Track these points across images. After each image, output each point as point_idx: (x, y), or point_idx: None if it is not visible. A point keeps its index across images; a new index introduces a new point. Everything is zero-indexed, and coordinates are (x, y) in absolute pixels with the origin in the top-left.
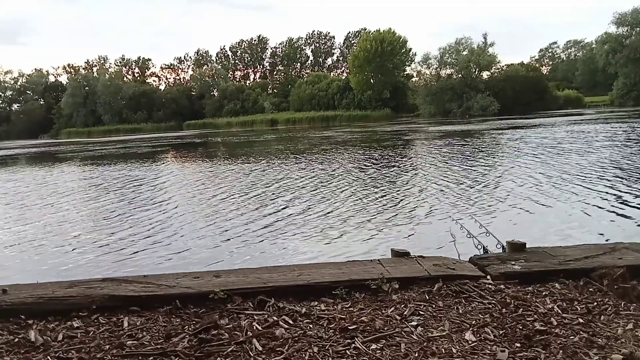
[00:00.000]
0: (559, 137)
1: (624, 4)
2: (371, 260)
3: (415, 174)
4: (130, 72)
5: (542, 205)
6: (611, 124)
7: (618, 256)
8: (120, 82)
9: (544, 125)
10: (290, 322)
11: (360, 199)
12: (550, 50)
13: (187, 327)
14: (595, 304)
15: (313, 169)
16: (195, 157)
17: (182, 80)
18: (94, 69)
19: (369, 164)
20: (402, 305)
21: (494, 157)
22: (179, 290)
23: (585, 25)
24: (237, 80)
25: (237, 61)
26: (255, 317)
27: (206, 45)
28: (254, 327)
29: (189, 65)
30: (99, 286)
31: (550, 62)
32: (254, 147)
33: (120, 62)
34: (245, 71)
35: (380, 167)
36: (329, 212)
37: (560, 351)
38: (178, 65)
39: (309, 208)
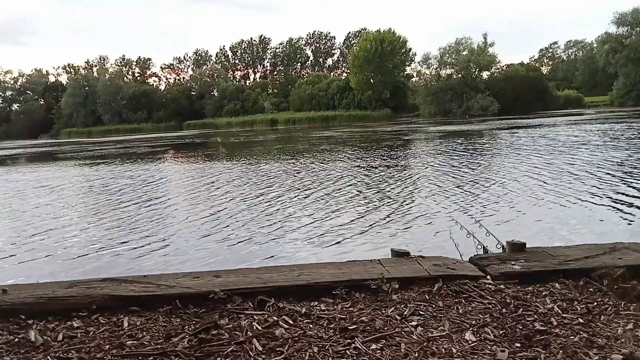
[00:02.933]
0: (559, 137)
1: (624, 4)
2: (371, 260)
3: (415, 173)
4: (130, 72)
5: (543, 205)
6: (611, 124)
7: (618, 256)
8: (120, 82)
9: (544, 125)
10: (290, 322)
11: (360, 198)
12: (550, 51)
13: (187, 327)
14: (595, 304)
15: (313, 168)
16: (196, 157)
17: (182, 80)
18: (94, 69)
19: (368, 164)
20: (402, 305)
21: (494, 157)
22: (179, 290)
23: (586, 26)
24: (237, 80)
25: (237, 61)
26: (255, 317)
27: (206, 45)
28: (254, 327)
29: (188, 65)
30: (99, 286)
31: (551, 62)
32: (254, 147)
33: (120, 62)
34: (245, 71)
35: (379, 167)
36: (329, 212)
37: (560, 351)
38: (178, 65)
39: (310, 208)
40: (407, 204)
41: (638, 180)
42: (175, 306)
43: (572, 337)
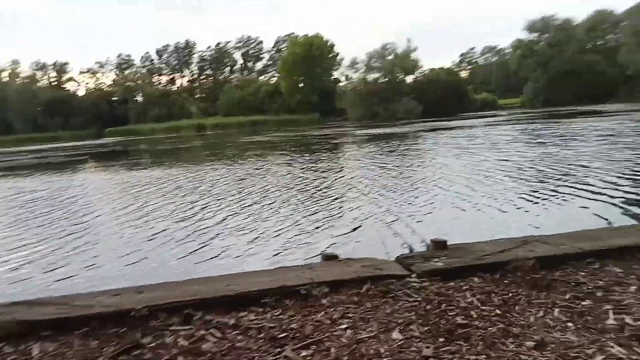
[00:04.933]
0: (478, 138)
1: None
2: (302, 266)
3: (344, 176)
4: (46, 77)
5: (465, 202)
6: (523, 124)
7: (529, 249)
8: (34, 88)
9: (464, 127)
10: (219, 335)
11: (290, 204)
12: (469, 56)
13: (105, 349)
14: (510, 295)
15: (241, 174)
16: (117, 166)
17: (103, 84)
18: (3, 74)
19: (297, 168)
20: (332, 309)
21: (419, 159)
22: (98, 310)
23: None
24: (163, 85)
25: (162, 65)
26: (180, 332)
27: (129, 48)
28: (180, 344)
29: (110, 69)
30: (5, 311)
31: (469, 67)
32: (180, 153)
33: (34, 66)
34: (171, 75)
35: (308, 171)
36: (259, 219)
37: (481, 342)
38: (99, 69)
39: (239, 215)
40: (337, 207)
41: (548, 176)
42: (92, 327)
43: (490, 328)
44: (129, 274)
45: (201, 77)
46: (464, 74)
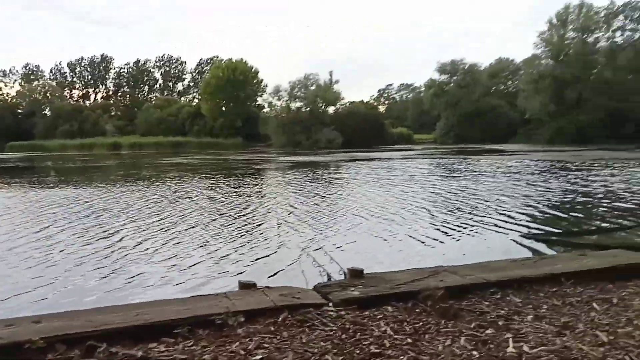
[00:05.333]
0: (397, 170)
1: (446, 55)
2: (217, 294)
3: (265, 203)
4: None
5: (384, 232)
6: (437, 159)
7: (440, 278)
8: None
9: (381, 159)
10: None
11: (208, 230)
12: (387, 91)
13: None
14: (421, 323)
15: (158, 197)
16: (19, 183)
17: (6, 95)
18: None
19: (218, 193)
20: (248, 339)
21: (341, 188)
22: None
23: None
24: (75, 99)
25: (75, 79)
26: None
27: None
28: None
29: (15, 80)
30: None
31: (387, 102)
32: (92, 172)
33: None
34: (85, 90)
35: (229, 196)
36: (175, 246)
37: None
38: (2, 78)
39: (153, 241)
40: (257, 234)
41: (460, 209)
42: None
43: (401, 357)
44: (27, 302)
45: (118, 94)
46: (381, 108)
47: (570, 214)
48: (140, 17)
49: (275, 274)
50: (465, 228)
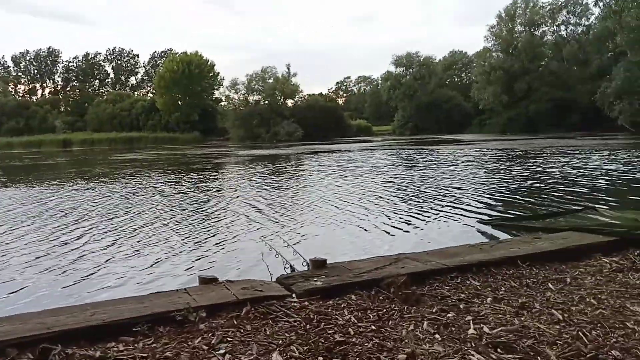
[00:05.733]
0: (358, 161)
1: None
2: (177, 290)
3: (225, 197)
4: None
5: (347, 222)
6: (396, 150)
7: (401, 265)
8: None
9: (342, 150)
10: None
11: (166, 225)
12: (345, 84)
13: None
14: (385, 310)
15: (112, 194)
16: None
17: None
18: None
19: (175, 189)
20: (210, 334)
21: (303, 180)
22: None
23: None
24: (21, 95)
25: (20, 73)
26: None
27: None
28: None
29: None
30: None
31: (345, 95)
32: (41, 171)
33: None
34: (31, 85)
35: (188, 191)
36: (132, 243)
37: (357, 358)
38: None
39: (110, 239)
40: (218, 229)
41: (419, 198)
42: None
43: (366, 344)
44: None
45: (67, 89)
46: (340, 101)
47: (525, 199)
48: (91, 9)
49: (238, 268)
50: (427, 216)
